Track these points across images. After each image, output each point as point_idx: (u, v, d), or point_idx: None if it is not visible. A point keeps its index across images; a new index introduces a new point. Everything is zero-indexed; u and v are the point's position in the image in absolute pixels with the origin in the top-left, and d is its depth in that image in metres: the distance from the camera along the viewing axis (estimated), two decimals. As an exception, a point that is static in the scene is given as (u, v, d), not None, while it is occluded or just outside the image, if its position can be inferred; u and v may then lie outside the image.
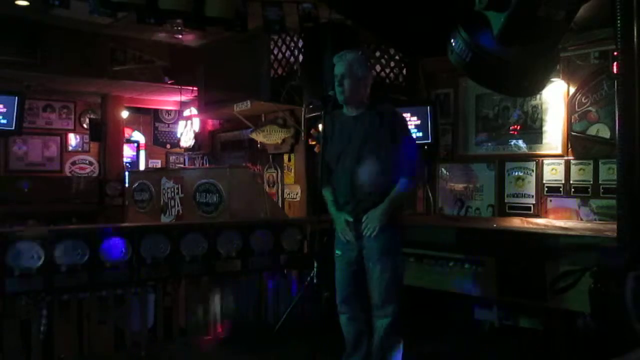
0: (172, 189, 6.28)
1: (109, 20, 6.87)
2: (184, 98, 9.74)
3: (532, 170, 5.56)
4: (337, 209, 3.51)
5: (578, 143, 5.28)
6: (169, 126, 11.52)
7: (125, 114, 10.29)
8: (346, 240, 3.46)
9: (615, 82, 3.48)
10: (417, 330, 4.35)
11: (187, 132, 10.46)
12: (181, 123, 10.76)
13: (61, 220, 7.98)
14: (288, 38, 7.00)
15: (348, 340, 3.57)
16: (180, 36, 8.01)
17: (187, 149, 10.74)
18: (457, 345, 4.47)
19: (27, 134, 9.60)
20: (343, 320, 3.56)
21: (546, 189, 5.47)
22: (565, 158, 5.35)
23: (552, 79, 4.92)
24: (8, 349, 3.82)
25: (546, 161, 5.48)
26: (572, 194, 5.28)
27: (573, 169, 5.29)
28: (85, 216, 8.81)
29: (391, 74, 6.68)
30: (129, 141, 11.54)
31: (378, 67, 6.52)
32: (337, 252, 3.54)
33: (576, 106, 5.30)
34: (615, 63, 3.51)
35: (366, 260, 3.43)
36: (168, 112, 11.42)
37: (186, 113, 10.31)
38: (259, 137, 8.06)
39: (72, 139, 10.80)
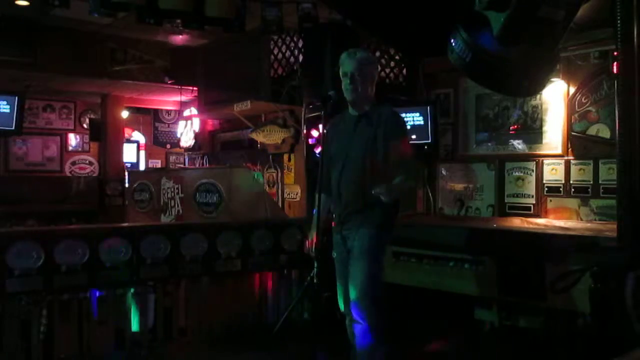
0: (172, 189, 6.28)
1: (109, 20, 6.87)
2: (184, 98, 9.73)
3: (532, 170, 5.55)
4: (317, 219, 3.41)
5: (578, 143, 5.27)
6: (169, 126, 11.51)
7: (125, 114, 10.29)
8: (313, 252, 3.37)
9: (615, 82, 3.49)
10: (417, 330, 4.36)
11: (187, 132, 10.46)
12: (181, 123, 10.75)
13: (61, 220, 7.99)
14: (288, 38, 7.00)
15: (351, 342, 3.52)
16: (180, 36, 8.02)
17: (187, 149, 10.74)
18: (457, 345, 4.47)
19: (27, 134, 9.58)
20: (346, 322, 3.52)
21: (546, 189, 5.46)
22: (565, 158, 5.34)
23: (552, 79, 4.91)
24: (8, 349, 3.81)
25: (546, 161, 5.47)
26: (572, 194, 5.27)
27: (573, 169, 5.28)
28: (85, 216, 8.81)
29: (391, 74, 6.67)
30: (129, 141, 11.54)
31: (378, 67, 6.51)
32: (333, 254, 3.53)
33: (576, 106, 5.29)
34: (615, 63, 3.52)
35: (350, 261, 3.37)
36: (168, 112, 11.41)
37: (186, 113, 10.31)
38: (259, 137, 8.06)
39: (72, 139, 10.80)
